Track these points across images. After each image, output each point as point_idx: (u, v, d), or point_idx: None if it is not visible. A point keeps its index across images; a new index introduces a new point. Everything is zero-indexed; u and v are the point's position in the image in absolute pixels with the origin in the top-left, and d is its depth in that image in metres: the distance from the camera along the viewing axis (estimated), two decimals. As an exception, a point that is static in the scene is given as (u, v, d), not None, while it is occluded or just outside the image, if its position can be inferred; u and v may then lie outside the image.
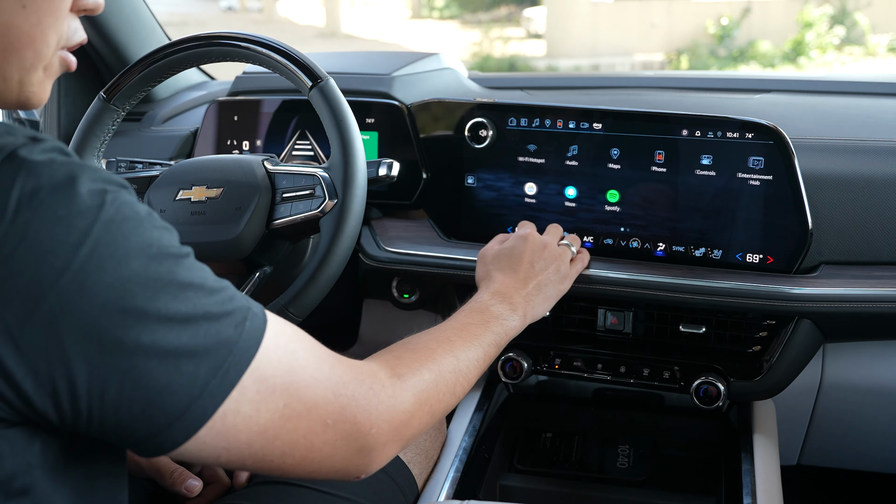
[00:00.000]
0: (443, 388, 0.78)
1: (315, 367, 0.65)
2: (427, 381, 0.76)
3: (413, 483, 1.04)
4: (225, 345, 0.58)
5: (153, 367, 0.54)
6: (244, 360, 0.59)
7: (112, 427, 0.56)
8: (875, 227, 1.10)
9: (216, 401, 0.57)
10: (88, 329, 0.52)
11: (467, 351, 0.84)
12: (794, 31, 10.31)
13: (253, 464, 0.62)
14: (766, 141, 1.07)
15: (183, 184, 1.06)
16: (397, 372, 0.73)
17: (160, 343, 0.54)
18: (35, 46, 0.61)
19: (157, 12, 1.62)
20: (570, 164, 1.17)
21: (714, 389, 1.12)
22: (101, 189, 0.54)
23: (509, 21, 14.82)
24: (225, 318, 0.58)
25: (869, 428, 1.28)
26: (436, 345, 0.82)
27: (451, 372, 0.80)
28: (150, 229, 0.56)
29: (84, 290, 0.52)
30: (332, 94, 1.02)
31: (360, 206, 1.01)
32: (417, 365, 0.76)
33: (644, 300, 1.15)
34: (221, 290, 0.60)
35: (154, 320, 0.54)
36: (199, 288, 0.57)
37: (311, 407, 0.63)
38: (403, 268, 1.23)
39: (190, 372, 0.56)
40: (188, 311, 0.56)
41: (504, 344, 0.93)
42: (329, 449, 0.65)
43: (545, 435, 1.25)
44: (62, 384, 0.53)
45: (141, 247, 0.55)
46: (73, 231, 0.52)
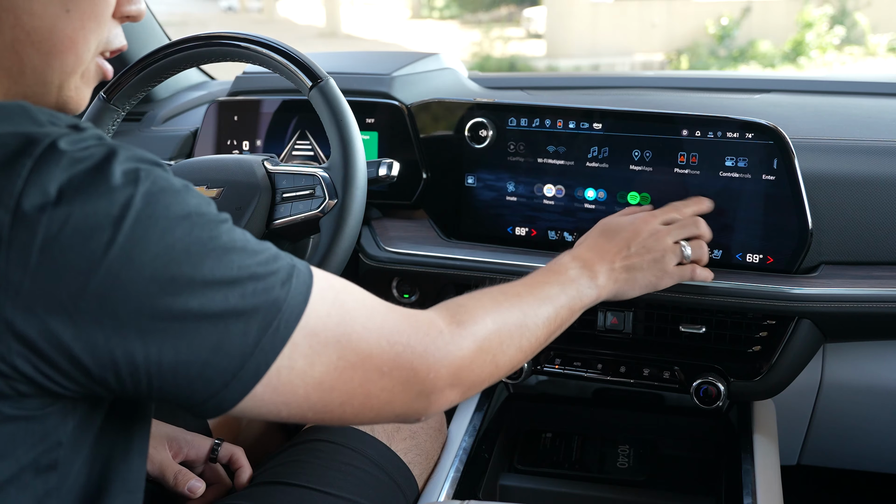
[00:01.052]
0: (506, 339, 0.77)
1: (366, 317, 0.65)
2: (489, 330, 0.75)
3: (413, 483, 1.04)
4: (273, 303, 0.59)
5: (205, 330, 0.56)
6: (294, 317, 0.60)
7: (172, 390, 0.57)
8: (875, 227, 1.10)
9: (269, 358, 0.59)
10: (139, 299, 0.54)
11: (536, 307, 0.82)
12: (794, 31, 10.31)
13: (314, 416, 0.64)
14: (767, 141, 1.07)
15: (183, 184, 1.06)
16: (457, 319, 0.73)
17: (209, 306, 0.56)
18: (77, 50, 0.62)
19: (157, 12, 1.62)
20: (570, 164, 1.17)
21: (714, 389, 1.12)
22: (135, 168, 0.55)
23: (509, 21, 14.82)
24: (271, 277, 0.59)
25: (869, 428, 1.28)
26: (503, 297, 0.80)
27: (516, 325, 0.79)
28: (187, 198, 0.57)
29: (132, 261, 0.53)
30: (332, 94, 1.02)
31: (360, 206, 1.01)
32: (481, 312, 0.75)
33: (644, 300, 1.14)
34: (264, 250, 0.61)
35: (201, 285, 0.56)
36: (241, 250, 0.59)
37: (364, 357, 0.64)
38: (403, 268, 1.23)
39: (240, 331, 0.57)
40: (234, 274, 0.57)
41: (578, 310, 0.90)
42: (387, 395, 0.66)
43: (545, 435, 1.25)
44: (120, 354, 0.54)
45: (182, 215, 0.56)
46: (115, 205, 0.53)
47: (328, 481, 0.93)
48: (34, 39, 0.60)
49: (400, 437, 1.05)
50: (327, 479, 0.93)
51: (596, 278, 0.92)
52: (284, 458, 0.97)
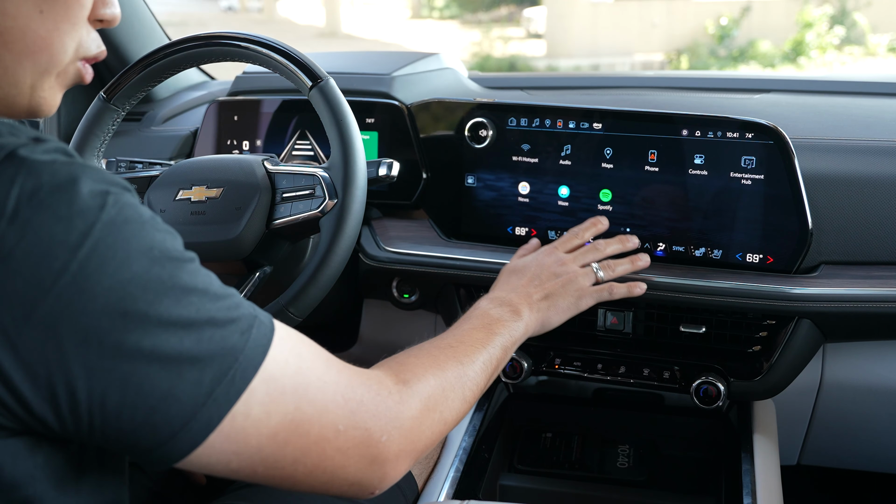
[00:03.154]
0: (450, 393, 0.77)
1: (323, 370, 0.64)
2: (433, 387, 0.74)
3: (413, 483, 1.04)
4: (230, 352, 0.57)
5: (155, 374, 0.53)
6: (251, 368, 0.58)
7: (115, 435, 0.54)
8: (875, 227, 1.10)
9: (221, 409, 0.56)
10: (88, 332, 0.51)
11: (472, 356, 0.83)
12: (794, 31, 10.30)
13: (264, 471, 0.61)
14: (766, 141, 1.07)
15: (183, 184, 1.06)
16: (402, 378, 0.72)
17: (162, 348, 0.53)
18: (51, 51, 0.61)
19: (157, 12, 1.63)
20: (570, 164, 1.17)
21: (714, 389, 1.12)
22: (104, 190, 0.53)
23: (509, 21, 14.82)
24: (230, 325, 0.57)
25: (869, 428, 1.28)
26: (438, 351, 0.81)
27: (456, 377, 0.79)
28: (152, 232, 0.55)
29: (83, 291, 0.51)
30: (332, 94, 1.02)
31: (360, 206, 1.01)
32: (422, 371, 0.75)
33: (644, 300, 1.15)
34: (227, 296, 0.59)
35: (156, 324, 0.53)
36: (203, 293, 0.57)
37: (321, 410, 0.62)
38: (403, 268, 1.23)
39: (194, 379, 0.55)
40: (191, 316, 0.55)
41: (510, 347, 0.91)
42: (341, 458, 0.64)
43: (545, 435, 1.25)
44: (61, 389, 0.52)
45: (143, 249, 0.54)
46: (73, 231, 0.51)
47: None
48: (7, 40, 0.59)
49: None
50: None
51: (519, 313, 0.94)
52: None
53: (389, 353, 0.84)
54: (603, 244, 1.07)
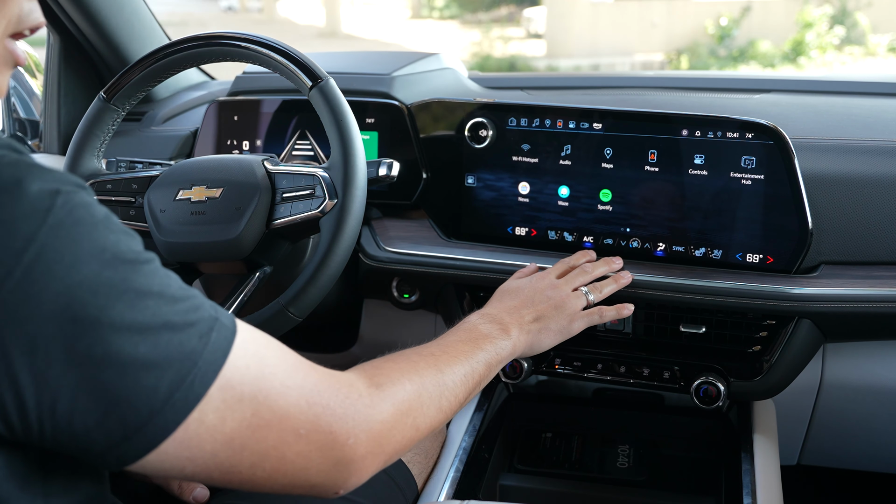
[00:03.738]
0: (426, 401, 0.75)
1: (286, 374, 0.62)
2: (409, 392, 0.72)
3: (413, 483, 1.04)
4: (189, 356, 0.55)
5: (109, 379, 0.52)
6: (210, 372, 0.56)
7: (66, 440, 0.53)
8: (875, 227, 1.10)
9: (179, 415, 0.54)
10: (34, 340, 0.50)
11: (453, 366, 0.81)
12: (794, 31, 10.31)
13: (220, 476, 0.59)
14: (766, 141, 1.07)
15: (183, 184, 1.06)
16: (376, 382, 0.70)
17: (116, 354, 0.52)
18: None
19: (157, 12, 1.62)
20: (570, 164, 1.17)
21: (714, 389, 1.12)
22: (53, 190, 0.51)
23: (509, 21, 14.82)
24: (188, 329, 0.56)
25: (869, 428, 1.28)
26: (418, 358, 0.79)
27: (434, 385, 0.77)
28: (104, 233, 0.53)
29: (29, 298, 0.49)
30: (332, 94, 1.02)
31: (360, 206, 1.01)
32: (398, 375, 0.73)
33: (644, 300, 1.15)
34: (186, 298, 0.57)
35: (108, 330, 0.51)
36: (159, 296, 0.55)
37: (282, 416, 0.60)
38: (403, 268, 1.23)
39: (150, 385, 0.53)
40: (146, 321, 0.53)
41: (495, 365, 0.90)
42: (303, 461, 0.62)
43: (545, 435, 1.25)
44: (8, 397, 0.50)
45: (93, 252, 0.52)
46: (17, 236, 0.49)
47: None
48: None
49: (399, 437, 1.05)
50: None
51: (508, 332, 0.94)
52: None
53: (389, 353, 0.84)
54: (590, 267, 1.09)
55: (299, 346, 1.50)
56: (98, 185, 1.11)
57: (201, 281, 1.30)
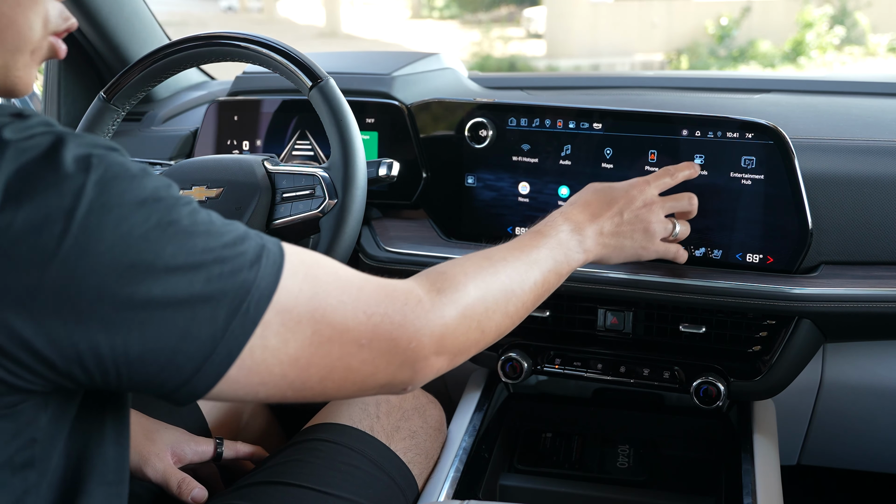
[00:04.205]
0: (491, 304, 0.75)
1: (341, 290, 0.64)
2: (472, 297, 0.73)
3: (413, 483, 1.04)
4: (241, 285, 0.57)
5: (170, 317, 0.55)
6: (264, 297, 0.58)
7: (142, 380, 0.56)
8: (875, 227, 1.10)
9: (240, 341, 0.57)
10: (99, 290, 0.52)
11: (523, 272, 0.80)
12: (794, 31, 10.31)
13: (293, 394, 0.63)
14: (766, 141, 1.07)
15: (183, 184, 1.06)
16: (437, 287, 0.71)
17: (173, 293, 0.55)
18: (16, 28, 0.61)
19: (157, 12, 1.63)
20: (570, 164, 1.17)
21: (714, 389, 1.12)
22: (87, 153, 0.54)
23: (509, 21, 14.82)
24: (238, 259, 0.58)
25: (869, 428, 1.28)
26: (487, 263, 0.78)
27: (501, 290, 0.77)
28: (143, 182, 0.56)
29: (87, 252, 0.52)
30: (332, 94, 1.02)
31: (360, 206, 1.01)
32: (463, 278, 0.74)
33: (644, 300, 1.15)
34: (230, 231, 0.60)
35: (163, 271, 0.54)
36: (205, 233, 0.57)
37: (341, 330, 0.63)
38: (403, 268, 1.23)
39: (208, 317, 0.56)
40: (197, 258, 0.56)
41: (565, 273, 0.88)
42: (369, 367, 0.65)
43: (545, 435, 1.25)
44: (84, 347, 0.53)
45: (138, 201, 0.55)
46: (66, 195, 0.52)
47: (327, 481, 0.93)
48: None
49: (399, 436, 1.05)
50: (327, 478, 0.93)
51: (585, 241, 0.91)
52: (284, 458, 0.97)
53: None
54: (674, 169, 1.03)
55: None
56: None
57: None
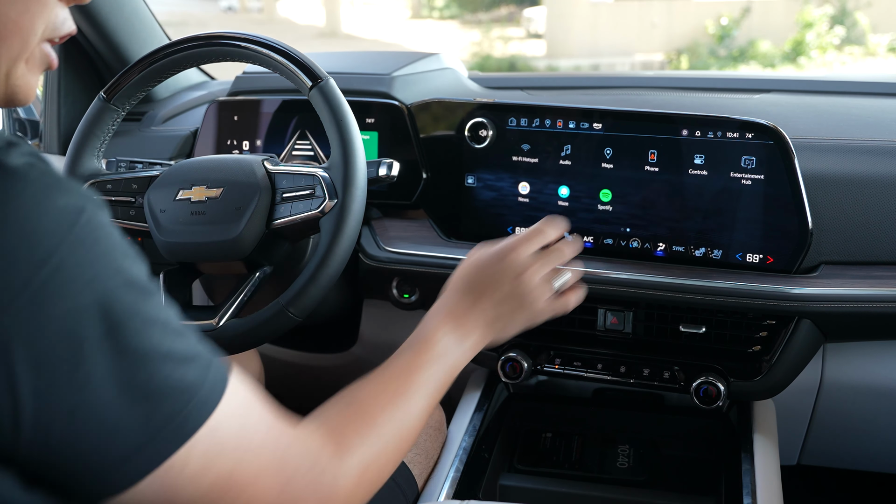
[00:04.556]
0: (390, 455, 0.75)
1: (265, 432, 0.61)
2: (371, 454, 0.71)
3: (413, 483, 1.04)
4: (186, 390, 0.54)
5: (105, 405, 0.51)
6: (204, 410, 0.55)
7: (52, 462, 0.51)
8: (875, 227, 1.10)
9: (166, 450, 0.53)
10: (40, 357, 0.49)
11: (414, 404, 0.79)
12: (794, 31, 10.30)
13: None
14: (766, 141, 1.07)
15: (183, 184, 1.06)
16: (342, 447, 0.69)
17: (116, 378, 0.51)
18: (22, 35, 0.58)
19: (157, 12, 1.63)
20: (570, 164, 1.17)
21: (714, 389, 1.12)
22: (78, 207, 0.51)
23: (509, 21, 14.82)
24: (189, 363, 0.55)
25: (869, 428, 1.28)
26: (381, 407, 0.76)
27: (396, 434, 0.76)
28: (120, 257, 0.53)
29: (41, 312, 0.48)
30: (332, 94, 1.02)
31: (360, 206, 1.01)
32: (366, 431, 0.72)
33: (644, 300, 1.15)
34: (187, 333, 0.56)
35: (112, 353, 0.51)
36: (164, 326, 0.54)
37: (255, 475, 0.60)
38: (403, 268, 1.23)
39: (143, 414, 0.52)
40: (150, 348, 0.52)
41: (452, 380, 0.86)
42: None
43: (545, 435, 1.25)
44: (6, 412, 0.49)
45: (108, 273, 0.51)
46: (39, 249, 0.49)
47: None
48: None
49: (400, 436, 1.05)
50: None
51: (469, 337, 0.88)
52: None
53: (389, 353, 0.83)
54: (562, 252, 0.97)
55: (299, 346, 1.50)
56: (98, 185, 1.11)
57: (201, 281, 1.30)
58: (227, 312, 1.02)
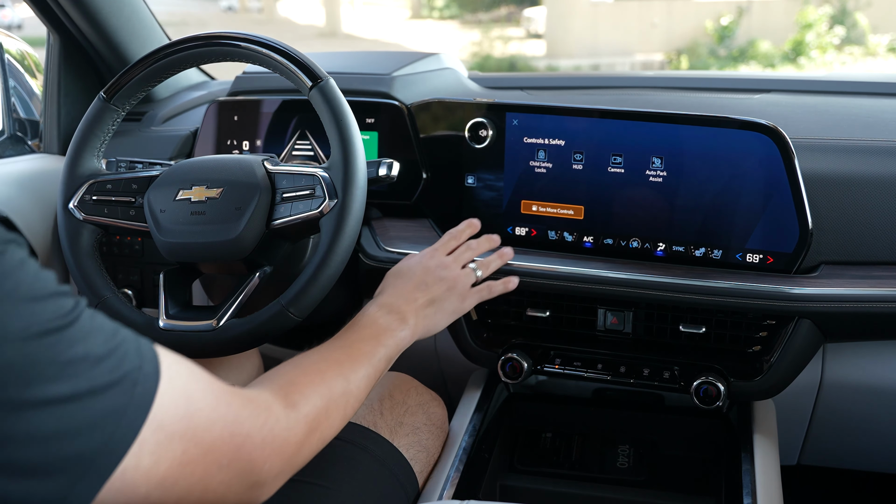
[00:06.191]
0: (333, 412, 0.80)
1: (212, 407, 0.64)
2: (318, 408, 0.77)
3: (414, 481, 1.04)
4: (112, 415, 0.54)
5: (29, 455, 0.51)
6: (135, 425, 0.56)
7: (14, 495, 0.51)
8: (875, 227, 1.10)
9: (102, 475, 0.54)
10: None
11: (357, 370, 0.86)
12: (794, 31, 10.31)
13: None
14: (766, 141, 1.07)
15: (183, 184, 1.06)
16: (290, 400, 0.74)
17: (37, 430, 0.51)
18: None
19: (157, 12, 1.62)
20: (570, 164, 1.17)
21: (714, 389, 1.12)
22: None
23: (509, 21, 14.83)
24: (113, 388, 0.55)
25: (869, 428, 1.28)
26: (326, 366, 0.83)
27: (341, 395, 0.81)
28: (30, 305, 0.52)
29: None
30: (332, 94, 1.02)
31: (360, 206, 1.01)
32: (310, 391, 0.77)
33: (644, 300, 1.15)
34: (111, 353, 0.56)
35: (30, 407, 0.50)
36: (82, 360, 0.54)
37: (207, 450, 0.62)
38: (403, 268, 1.23)
39: (72, 453, 0.52)
40: (70, 391, 0.52)
41: (395, 357, 0.93)
42: (223, 488, 0.65)
43: (545, 435, 1.25)
44: None
45: (18, 329, 0.50)
46: None
47: (330, 476, 0.93)
48: None
49: (403, 432, 1.05)
50: (329, 473, 0.93)
51: (406, 321, 0.96)
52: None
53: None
54: (475, 244, 1.12)
55: (299, 346, 1.50)
56: (98, 185, 1.11)
57: (201, 281, 1.30)
58: (227, 312, 1.02)
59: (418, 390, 1.14)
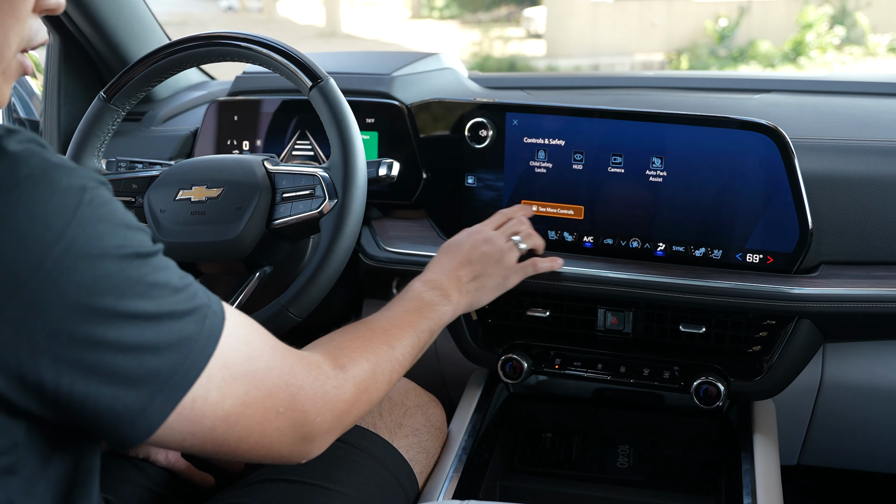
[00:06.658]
0: (380, 376, 0.83)
1: (270, 356, 0.69)
2: (366, 371, 0.81)
3: (414, 481, 1.04)
4: (186, 341, 0.61)
5: (119, 362, 0.57)
6: (205, 354, 0.62)
7: (81, 418, 0.58)
8: (875, 227, 1.10)
9: (177, 395, 0.60)
10: (58, 326, 0.54)
11: (402, 339, 0.89)
12: (794, 31, 10.31)
13: (212, 448, 0.66)
14: (766, 141, 1.07)
15: (183, 184, 1.06)
16: (339, 363, 0.78)
17: (126, 339, 0.57)
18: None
19: (157, 12, 1.62)
20: (570, 164, 1.17)
21: (714, 389, 1.12)
22: (80, 186, 0.56)
23: (509, 21, 14.83)
24: (187, 316, 0.61)
25: (869, 428, 1.28)
26: (372, 335, 0.87)
27: (387, 361, 0.85)
28: (124, 230, 0.58)
29: (56, 287, 0.53)
30: (332, 94, 1.02)
31: (360, 206, 1.01)
32: (357, 355, 0.81)
33: (644, 300, 1.15)
34: (185, 287, 0.63)
35: (121, 318, 0.56)
36: (164, 286, 0.60)
37: (266, 395, 0.67)
38: (403, 268, 1.23)
39: (153, 367, 0.58)
40: (154, 310, 0.59)
41: (437, 330, 0.96)
42: (279, 435, 0.69)
43: (545, 435, 1.25)
44: (31, 377, 0.54)
45: (114, 247, 0.57)
46: (50, 229, 0.53)
47: (330, 477, 0.93)
48: None
49: (402, 433, 1.05)
50: (329, 475, 0.94)
51: (449, 297, 0.99)
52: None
53: None
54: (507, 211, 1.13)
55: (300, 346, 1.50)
56: (98, 185, 1.11)
57: (201, 281, 1.30)
58: (227, 312, 1.02)
59: (416, 392, 1.14)
